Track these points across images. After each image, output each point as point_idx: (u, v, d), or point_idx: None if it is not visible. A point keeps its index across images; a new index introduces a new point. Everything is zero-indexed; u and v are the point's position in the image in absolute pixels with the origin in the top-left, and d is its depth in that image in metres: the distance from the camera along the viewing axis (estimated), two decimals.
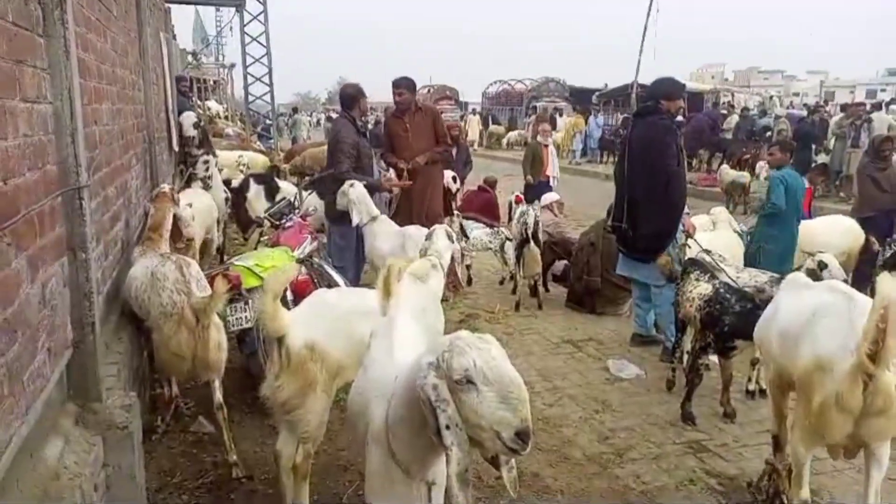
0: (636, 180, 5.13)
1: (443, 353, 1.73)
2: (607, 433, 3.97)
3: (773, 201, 5.87)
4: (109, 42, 3.77)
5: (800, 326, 2.82)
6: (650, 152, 5.03)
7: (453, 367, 1.69)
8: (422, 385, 1.72)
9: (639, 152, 5.12)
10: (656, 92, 5.29)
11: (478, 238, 6.87)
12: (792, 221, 5.93)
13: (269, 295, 2.60)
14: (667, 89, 5.25)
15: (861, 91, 42.88)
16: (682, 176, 5.17)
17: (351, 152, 5.52)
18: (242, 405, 4.08)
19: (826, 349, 2.61)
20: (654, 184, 5.00)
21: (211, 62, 27.02)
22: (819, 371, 2.61)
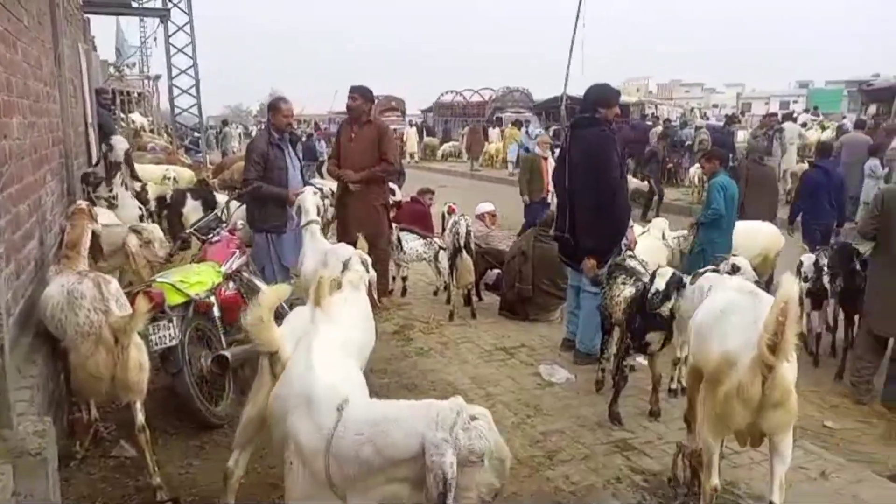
0: (579, 192, 5.09)
1: (457, 430, 1.86)
2: (539, 437, 4.06)
3: (714, 207, 6.18)
4: (20, 53, 3.63)
5: (711, 323, 2.99)
6: (595, 165, 4.99)
7: (473, 450, 1.86)
8: (440, 463, 1.81)
9: (582, 164, 5.06)
10: (594, 100, 5.17)
11: (413, 249, 6.92)
12: (730, 225, 6.26)
13: (264, 309, 2.54)
14: (604, 96, 5.20)
15: (775, 102, 45.25)
16: (625, 188, 5.24)
17: (258, 161, 5.52)
18: (166, 426, 3.96)
19: (732, 344, 2.77)
20: (600, 197, 4.98)
21: (135, 74, 26.15)
22: (725, 365, 2.77)
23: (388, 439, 1.91)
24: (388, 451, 1.90)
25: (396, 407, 2.05)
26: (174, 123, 19.20)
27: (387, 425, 1.93)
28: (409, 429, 1.90)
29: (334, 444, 1.95)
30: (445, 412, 1.90)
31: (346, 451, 1.93)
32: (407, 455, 1.89)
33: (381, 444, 1.90)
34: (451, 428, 1.86)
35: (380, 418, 1.96)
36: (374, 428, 1.93)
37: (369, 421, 1.97)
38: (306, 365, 2.24)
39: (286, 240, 5.69)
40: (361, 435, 1.94)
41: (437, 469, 1.80)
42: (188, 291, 3.96)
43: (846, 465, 3.87)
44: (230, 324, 4.42)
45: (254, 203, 5.64)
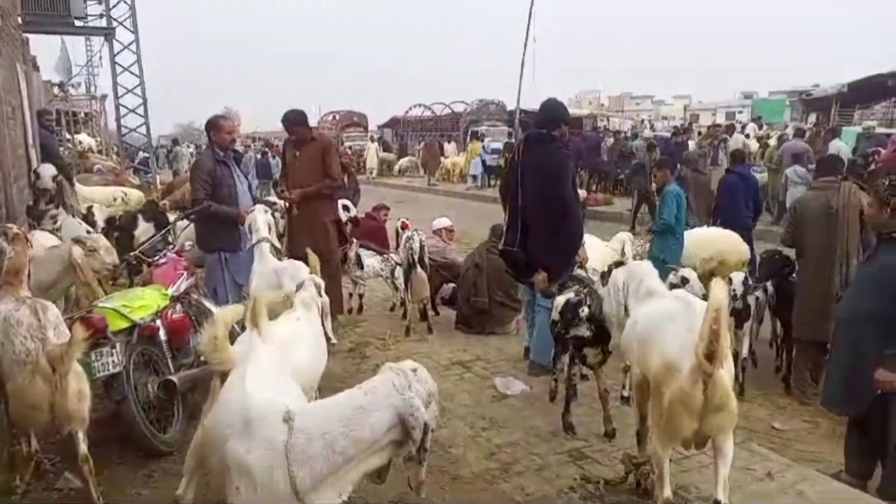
0: (533, 208, 5.06)
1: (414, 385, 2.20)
2: (494, 449, 4.06)
3: (664, 217, 6.34)
4: None
5: (651, 333, 3.06)
6: (551, 182, 4.99)
7: (430, 393, 2.26)
8: (418, 416, 2.13)
9: (537, 180, 5.03)
10: (550, 117, 5.18)
11: (370, 266, 6.93)
12: (676, 238, 6.44)
13: (218, 328, 2.52)
14: (560, 114, 5.25)
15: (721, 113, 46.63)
16: (579, 206, 5.27)
17: (206, 180, 5.41)
18: (113, 456, 3.85)
19: (671, 352, 2.84)
20: (555, 214, 4.99)
21: (81, 93, 25.55)
22: (667, 373, 2.83)
23: (364, 424, 2.08)
24: (366, 434, 2.08)
25: (350, 398, 2.19)
26: (122, 143, 18.76)
27: (358, 414, 2.09)
28: (379, 407, 2.11)
29: (294, 454, 2.01)
30: (398, 378, 2.19)
31: (315, 453, 2.03)
32: (384, 428, 2.12)
33: (358, 432, 2.06)
34: (409, 386, 2.17)
35: (347, 412, 2.10)
36: (345, 422, 2.07)
37: (334, 419, 2.09)
38: (239, 388, 2.23)
39: (240, 258, 5.58)
40: (329, 433, 2.05)
41: (418, 422, 2.10)
42: (131, 316, 3.87)
43: (792, 464, 3.97)
44: (178, 348, 4.33)
45: (203, 223, 5.52)
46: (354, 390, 2.23)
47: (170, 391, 3.98)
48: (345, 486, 2.14)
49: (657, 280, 3.67)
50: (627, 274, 3.68)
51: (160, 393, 3.97)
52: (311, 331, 3.56)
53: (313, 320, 3.72)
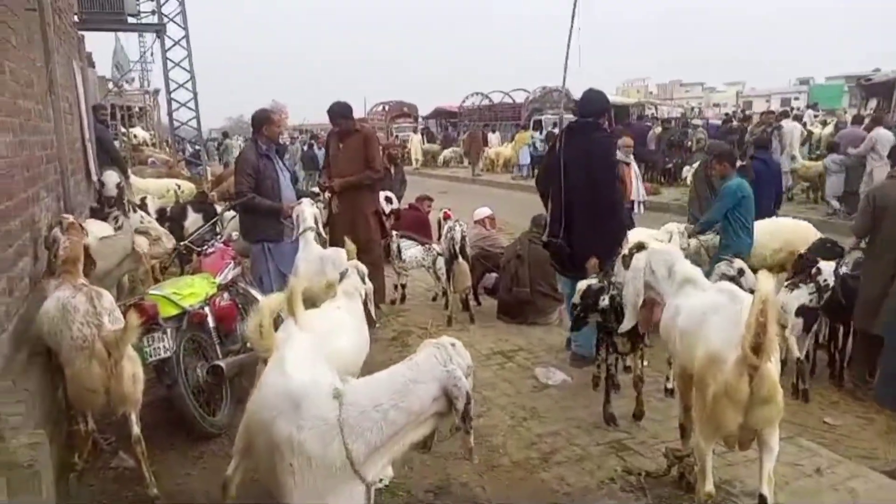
0: (578, 199, 4.97)
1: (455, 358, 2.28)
2: (534, 439, 4.06)
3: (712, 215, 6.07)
4: (8, 73, 3.68)
5: (694, 326, 3.00)
6: (597, 172, 4.92)
7: (469, 365, 2.35)
8: (462, 387, 2.23)
9: (581, 170, 4.95)
10: (595, 108, 5.12)
11: (412, 256, 6.95)
12: (747, 230, 6.07)
13: (263, 316, 2.61)
14: (603, 103, 5.21)
15: (776, 99, 45.16)
16: (622, 198, 5.20)
17: (249, 173, 5.54)
18: (165, 438, 3.99)
19: (716, 345, 2.78)
20: (603, 204, 4.92)
21: (135, 89, 26.34)
22: (711, 366, 2.78)
23: (413, 396, 2.18)
24: (414, 406, 2.18)
25: (396, 373, 2.29)
26: (173, 137, 19.30)
27: (406, 387, 2.19)
28: (424, 379, 2.21)
29: (349, 427, 2.11)
30: (440, 352, 2.29)
31: (369, 425, 2.12)
32: (430, 399, 2.21)
33: (408, 403, 2.17)
34: (451, 359, 2.26)
35: (395, 385, 2.21)
36: (394, 395, 2.18)
37: (384, 392, 2.20)
38: (279, 372, 2.31)
39: (283, 248, 5.72)
40: (381, 405, 2.15)
41: (461, 392, 2.21)
42: (181, 303, 3.99)
43: (843, 460, 3.85)
44: (226, 334, 4.46)
45: (247, 215, 5.67)
46: (399, 366, 2.33)
47: (218, 376, 4.10)
48: (394, 456, 2.26)
49: (689, 265, 3.59)
50: (651, 258, 3.60)
51: (209, 378, 4.10)
52: (352, 319, 3.62)
53: (355, 309, 3.78)
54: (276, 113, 5.92)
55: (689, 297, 3.31)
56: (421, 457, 3.70)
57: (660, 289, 3.53)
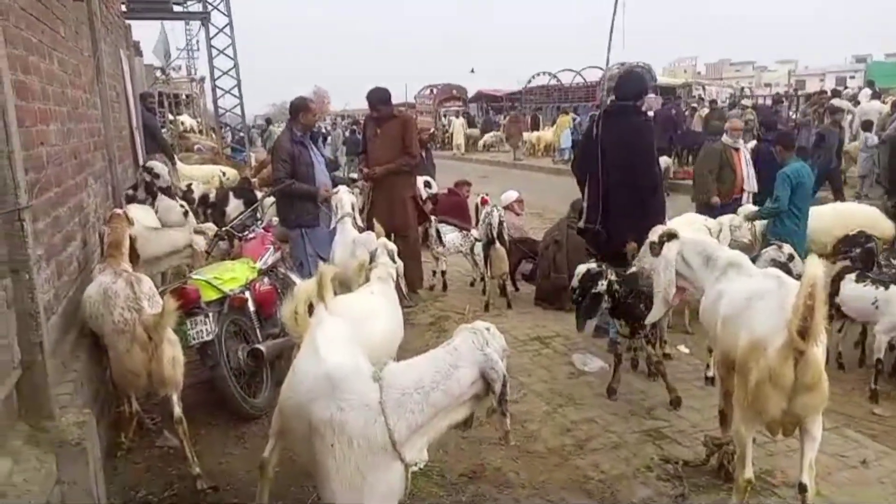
0: (616, 184, 4.89)
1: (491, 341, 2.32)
2: (569, 426, 4.05)
3: (777, 199, 5.79)
4: (56, 63, 3.79)
5: (738, 312, 2.93)
6: (636, 156, 4.85)
7: (504, 348, 2.38)
8: (499, 370, 2.26)
9: (620, 154, 4.87)
10: (633, 90, 5.05)
11: (451, 242, 6.96)
12: (807, 215, 5.86)
13: (298, 303, 2.70)
14: (642, 86, 5.18)
15: (831, 78, 43.44)
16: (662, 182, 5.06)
17: (285, 160, 5.65)
18: (207, 418, 4.10)
19: (760, 330, 2.72)
20: (640, 190, 4.84)
21: (182, 76, 26.89)
22: (755, 350, 2.71)
23: (452, 379, 2.23)
24: (454, 388, 2.23)
25: (436, 357, 2.33)
26: (218, 124, 19.67)
27: (446, 370, 2.24)
28: (463, 363, 2.25)
29: (390, 408, 2.15)
30: (477, 336, 2.32)
31: (411, 406, 2.17)
32: (469, 382, 2.26)
33: (448, 386, 2.22)
34: (488, 342, 2.30)
35: (435, 368, 2.26)
36: (435, 377, 2.22)
37: (425, 374, 2.24)
38: (312, 355, 2.35)
39: (320, 233, 5.81)
40: (423, 387, 2.20)
41: (499, 375, 2.26)
42: (223, 287, 4.08)
43: (891, 452, 3.73)
44: (266, 318, 4.55)
45: (284, 201, 5.78)
46: (438, 350, 2.38)
47: (258, 359, 4.20)
48: (433, 437, 2.30)
49: (732, 251, 3.50)
50: (683, 249, 3.51)
51: (249, 360, 4.20)
52: (385, 305, 3.65)
53: (389, 294, 3.81)
54: (313, 101, 6.00)
55: (732, 282, 3.23)
56: (456, 441, 3.73)
57: (694, 278, 3.45)
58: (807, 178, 5.84)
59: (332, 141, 20.73)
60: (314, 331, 2.54)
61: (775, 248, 5.13)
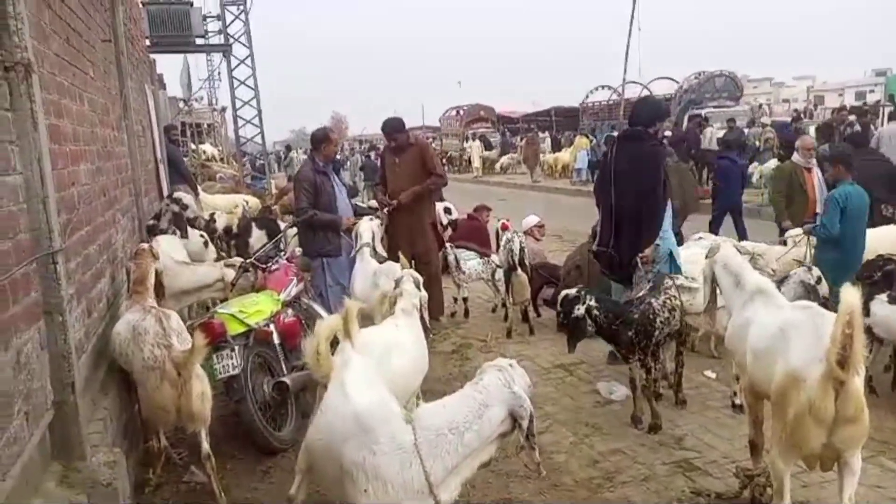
0: (625, 206, 5.01)
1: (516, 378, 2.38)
2: (597, 457, 3.99)
3: (825, 225, 5.41)
4: (87, 104, 3.89)
5: (770, 343, 2.90)
6: (644, 181, 4.93)
7: (528, 383, 2.45)
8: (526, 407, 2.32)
9: (630, 178, 4.98)
10: (647, 116, 5.14)
11: (472, 268, 6.95)
12: (856, 243, 5.46)
13: (320, 342, 2.66)
14: (655, 112, 5.25)
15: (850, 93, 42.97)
16: (664, 207, 5.05)
17: (308, 189, 5.72)
18: (233, 452, 4.11)
19: (797, 362, 2.68)
20: (646, 212, 4.93)
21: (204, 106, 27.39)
22: (792, 384, 2.67)
23: (484, 419, 2.26)
24: (487, 427, 2.27)
25: (467, 397, 2.35)
26: (239, 153, 19.98)
27: (477, 411, 2.27)
28: (494, 403, 2.29)
29: (426, 450, 2.17)
30: (504, 374, 2.36)
31: (447, 447, 2.19)
32: (499, 421, 2.30)
33: (482, 425, 2.26)
34: (514, 380, 2.35)
35: (468, 409, 2.29)
36: (468, 417, 2.25)
37: (458, 415, 2.26)
38: (341, 396, 2.34)
39: (341, 263, 5.87)
40: (456, 428, 2.22)
41: (526, 412, 2.31)
42: (248, 321, 4.11)
43: None
44: (290, 349, 4.56)
45: (306, 230, 5.84)
46: (468, 390, 2.40)
47: (283, 392, 4.20)
48: (465, 476, 2.32)
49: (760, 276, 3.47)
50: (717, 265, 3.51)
51: (274, 393, 4.21)
52: (410, 338, 3.65)
53: (413, 325, 3.81)
54: (334, 132, 6.09)
55: (759, 311, 3.19)
56: (483, 475, 3.68)
57: (725, 298, 3.43)
58: (856, 202, 5.39)
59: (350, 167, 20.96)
60: (342, 370, 2.54)
61: (805, 270, 5.04)
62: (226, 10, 17.73)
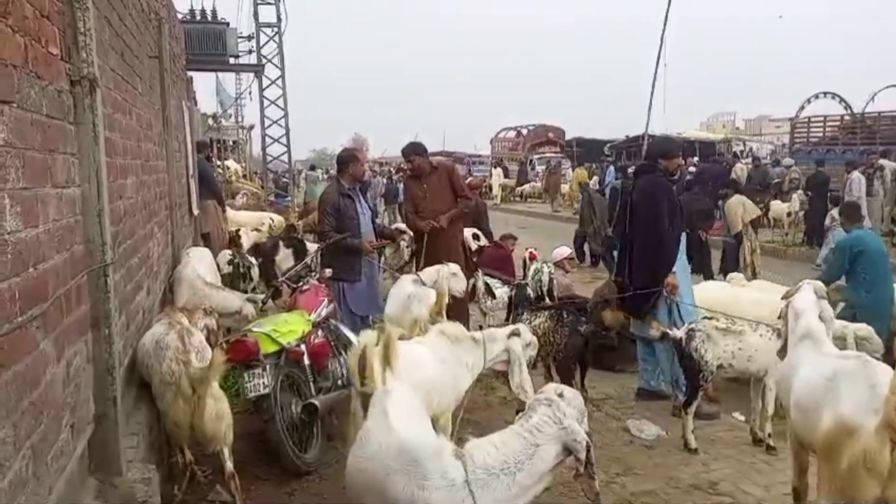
0: (634, 237, 5.37)
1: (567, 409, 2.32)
2: (629, 498, 3.89)
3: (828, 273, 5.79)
4: (135, 118, 3.94)
5: (818, 391, 2.82)
6: (645, 211, 5.24)
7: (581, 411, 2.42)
8: (581, 440, 2.28)
9: (637, 209, 5.33)
10: (653, 151, 5.59)
11: (500, 298, 6.90)
12: (883, 284, 5.64)
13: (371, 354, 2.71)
14: (664, 148, 5.59)
15: None
16: (670, 235, 5.21)
17: (331, 213, 5.71)
18: (259, 472, 4.07)
19: (849, 411, 2.60)
20: (648, 242, 5.24)
21: (231, 123, 27.80)
22: (844, 434, 2.59)
23: (537, 458, 2.23)
24: (540, 465, 2.23)
25: (519, 435, 2.30)
26: (266, 171, 20.20)
27: (533, 448, 2.23)
28: (546, 439, 2.25)
29: (479, 486, 2.12)
30: (553, 409, 2.31)
31: (499, 487, 2.15)
32: (554, 456, 2.27)
33: (535, 463, 2.22)
34: (565, 413, 2.30)
35: (520, 448, 2.24)
36: (520, 457, 2.21)
37: (510, 455, 2.22)
38: (384, 426, 2.30)
39: (358, 290, 5.81)
40: (508, 468, 2.18)
41: (582, 445, 2.27)
42: (281, 340, 4.09)
43: None
44: (318, 371, 4.53)
45: (326, 253, 5.78)
46: (517, 427, 2.36)
47: (312, 413, 4.16)
48: None
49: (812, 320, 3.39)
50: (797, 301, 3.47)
51: (303, 415, 4.16)
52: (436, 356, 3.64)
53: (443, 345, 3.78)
54: (361, 152, 6.11)
55: (805, 357, 3.12)
56: None
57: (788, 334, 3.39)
58: (871, 244, 5.67)
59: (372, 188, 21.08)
60: (383, 398, 2.49)
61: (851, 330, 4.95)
62: (261, 32, 18.06)
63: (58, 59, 2.27)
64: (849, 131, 20.10)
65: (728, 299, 5.57)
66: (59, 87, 2.26)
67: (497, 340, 3.90)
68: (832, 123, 21.25)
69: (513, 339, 3.88)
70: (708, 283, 6.68)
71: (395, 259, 8.50)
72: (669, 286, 5.12)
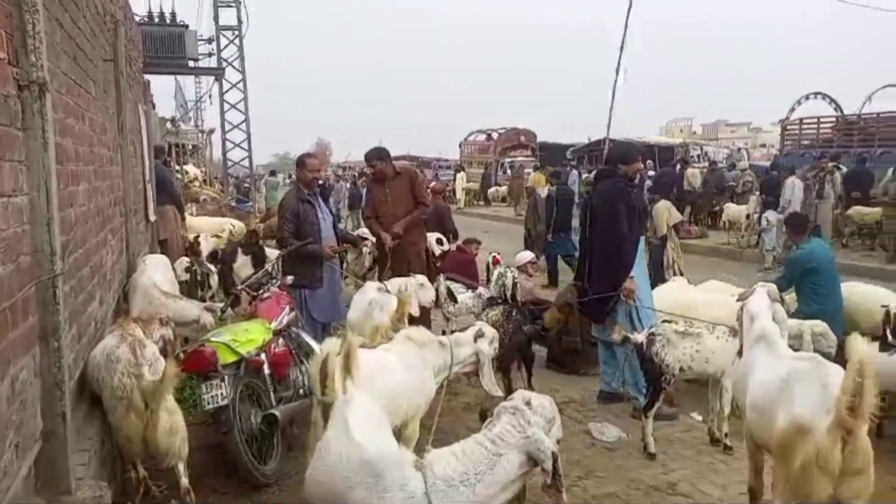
0: (593, 241, 5.46)
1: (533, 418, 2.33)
2: (590, 501, 3.93)
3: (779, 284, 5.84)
4: (87, 123, 3.83)
5: (772, 393, 2.89)
6: (604, 216, 5.31)
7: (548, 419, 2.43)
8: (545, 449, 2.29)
9: (596, 214, 5.41)
10: (613, 156, 5.71)
11: (463, 303, 6.90)
12: (832, 295, 5.76)
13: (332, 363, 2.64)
14: (623, 153, 5.68)
15: None
16: (629, 240, 5.29)
17: (290, 219, 5.67)
18: (217, 485, 3.99)
19: (802, 411, 2.67)
20: (607, 246, 5.30)
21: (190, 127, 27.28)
22: (798, 433, 2.66)
23: (499, 468, 2.22)
24: (502, 474, 2.22)
25: (480, 445, 2.30)
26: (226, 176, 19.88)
27: (491, 460, 2.21)
28: (508, 448, 2.24)
29: (438, 500, 2.11)
30: (517, 417, 2.30)
31: (459, 498, 2.14)
32: (517, 465, 2.26)
33: (496, 473, 2.21)
34: (529, 422, 2.30)
35: (480, 458, 2.23)
36: (480, 467, 2.19)
37: (470, 465, 2.21)
38: (345, 437, 2.27)
39: (319, 296, 5.77)
40: (468, 479, 2.17)
41: (546, 454, 2.26)
42: (240, 350, 4.01)
43: None
44: (279, 380, 4.45)
45: (287, 260, 5.72)
46: (480, 438, 2.34)
47: (271, 424, 4.09)
48: None
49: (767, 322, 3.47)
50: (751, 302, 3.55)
51: (263, 426, 4.09)
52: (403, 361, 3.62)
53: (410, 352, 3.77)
54: (313, 157, 6.12)
55: (759, 359, 3.20)
56: None
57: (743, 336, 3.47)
58: (822, 258, 5.78)
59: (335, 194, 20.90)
60: (344, 408, 2.45)
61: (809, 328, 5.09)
62: (221, 34, 17.78)
63: (4, 63, 2.19)
64: (844, 133, 19.60)
65: (684, 301, 5.68)
66: (5, 93, 2.18)
67: (463, 344, 3.90)
68: (826, 125, 20.65)
69: (480, 342, 3.91)
70: (665, 286, 6.78)
71: (356, 266, 8.46)
72: (626, 290, 5.20)
